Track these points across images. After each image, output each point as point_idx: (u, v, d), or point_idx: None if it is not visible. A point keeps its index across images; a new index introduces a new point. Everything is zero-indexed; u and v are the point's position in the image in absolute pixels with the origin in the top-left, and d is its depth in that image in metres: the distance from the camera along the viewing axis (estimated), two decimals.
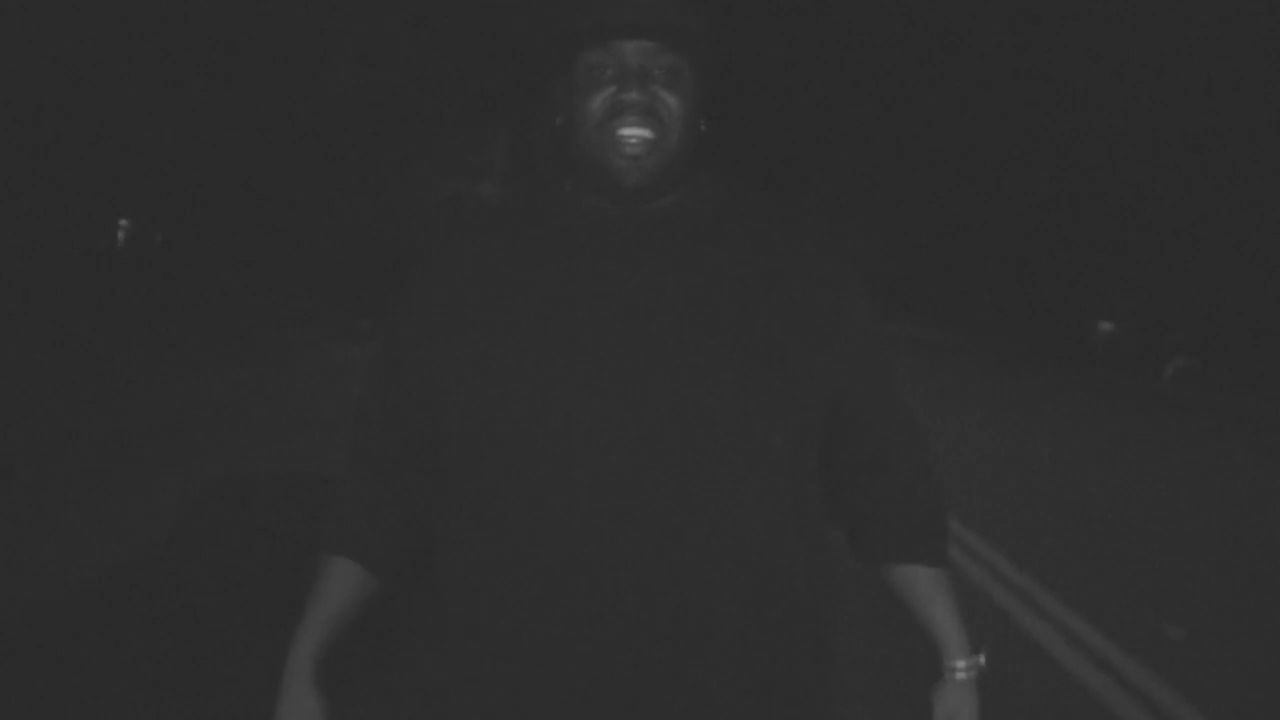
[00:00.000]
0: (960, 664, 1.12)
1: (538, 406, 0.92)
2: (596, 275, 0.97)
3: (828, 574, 1.05)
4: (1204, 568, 4.96)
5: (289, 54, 20.52)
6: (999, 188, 25.77)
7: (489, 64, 24.70)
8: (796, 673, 1.00)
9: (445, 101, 24.25)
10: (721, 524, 0.92)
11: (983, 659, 1.15)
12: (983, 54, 24.71)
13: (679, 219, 1.01)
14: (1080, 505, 6.17)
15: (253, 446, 6.80)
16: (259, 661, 3.10)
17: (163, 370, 10.67)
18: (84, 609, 3.53)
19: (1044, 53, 21.99)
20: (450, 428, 0.99)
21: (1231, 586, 4.73)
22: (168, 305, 18.12)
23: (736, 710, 0.95)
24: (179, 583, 3.86)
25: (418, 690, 1.07)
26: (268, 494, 5.21)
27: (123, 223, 21.62)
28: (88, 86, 16.61)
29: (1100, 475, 7.24)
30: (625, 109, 0.95)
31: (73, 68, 16.26)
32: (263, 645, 3.22)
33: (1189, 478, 7.43)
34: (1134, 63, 19.20)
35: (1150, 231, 19.77)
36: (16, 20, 15.15)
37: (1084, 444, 8.83)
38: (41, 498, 5.10)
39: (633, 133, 0.95)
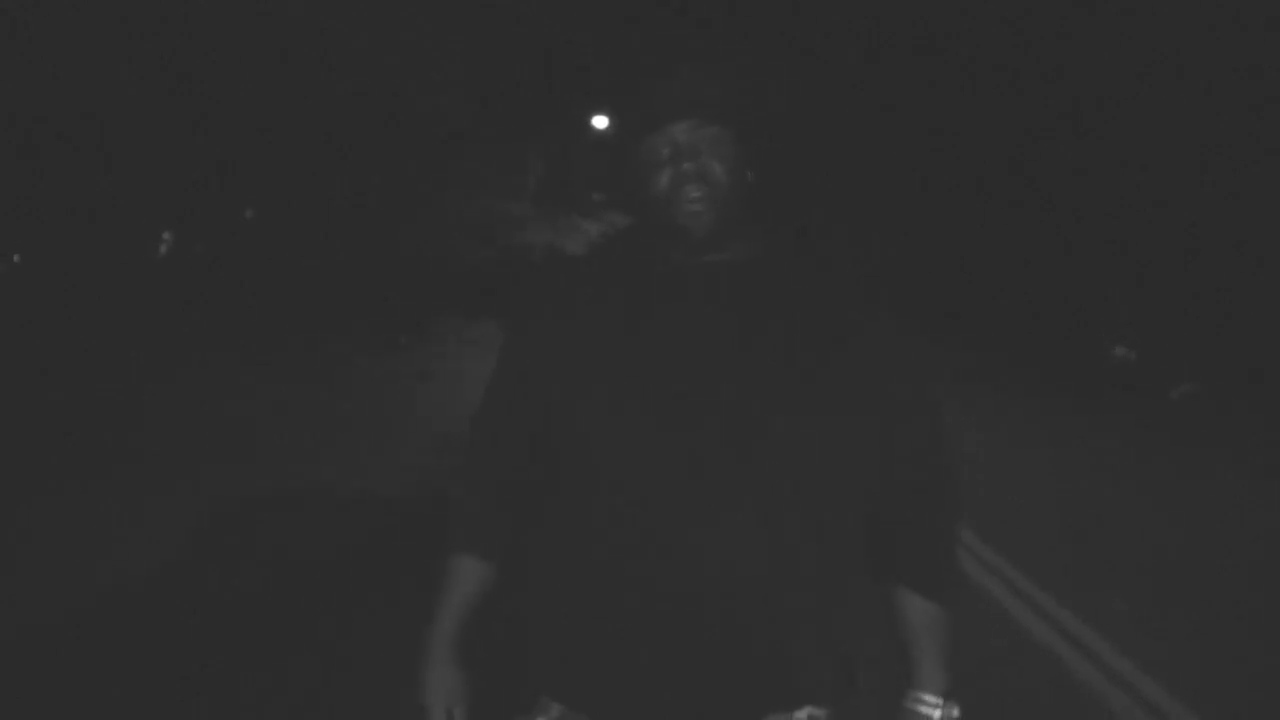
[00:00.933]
0: (928, 698, 1.22)
1: (639, 413, 1.16)
2: (671, 319, 1.21)
3: (854, 549, 1.25)
4: (1176, 559, 5.64)
5: (325, 75, 20.89)
6: (1018, 213, 26.13)
7: (521, 88, 25.18)
8: (817, 609, 1.20)
9: (478, 123, 24.69)
10: (751, 516, 1.14)
11: (956, 711, 1.21)
12: (1006, 88, 24.71)
13: (737, 271, 1.24)
14: (1071, 508, 6.73)
15: (292, 454, 6.87)
16: (262, 670, 3.11)
17: (200, 380, 10.70)
18: (91, 612, 3.53)
19: (1061, 80, 21.95)
20: (556, 439, 1.23)
21: (1195, 573, 5.38)
22: (207, 317, 18.49)
23: (771, 634, 1.17)
24: (185, 592, 3.86)
25: (524, 631, 1.29)
26: (276, 506, 5.22)
27: (165, 235, 21.87)
28: (131, 101, 16.89)
29: (1093, 485, 7.80)
30: (683, 179, 1.20)
31: (116, 82, 16.52)
32: (267, 653, 3.22)
33: (1176, 488, 8.03)
34: (1143, 93, 19.15)
35: (1165, 257, 20.09)
36: (63, 39, 15.35)
37: (1084, 458, 9.41)
38: (68, 505, 5.09)
39: (692, 196, 1.19)
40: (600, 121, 27.56)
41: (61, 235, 18.02)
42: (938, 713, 1.21)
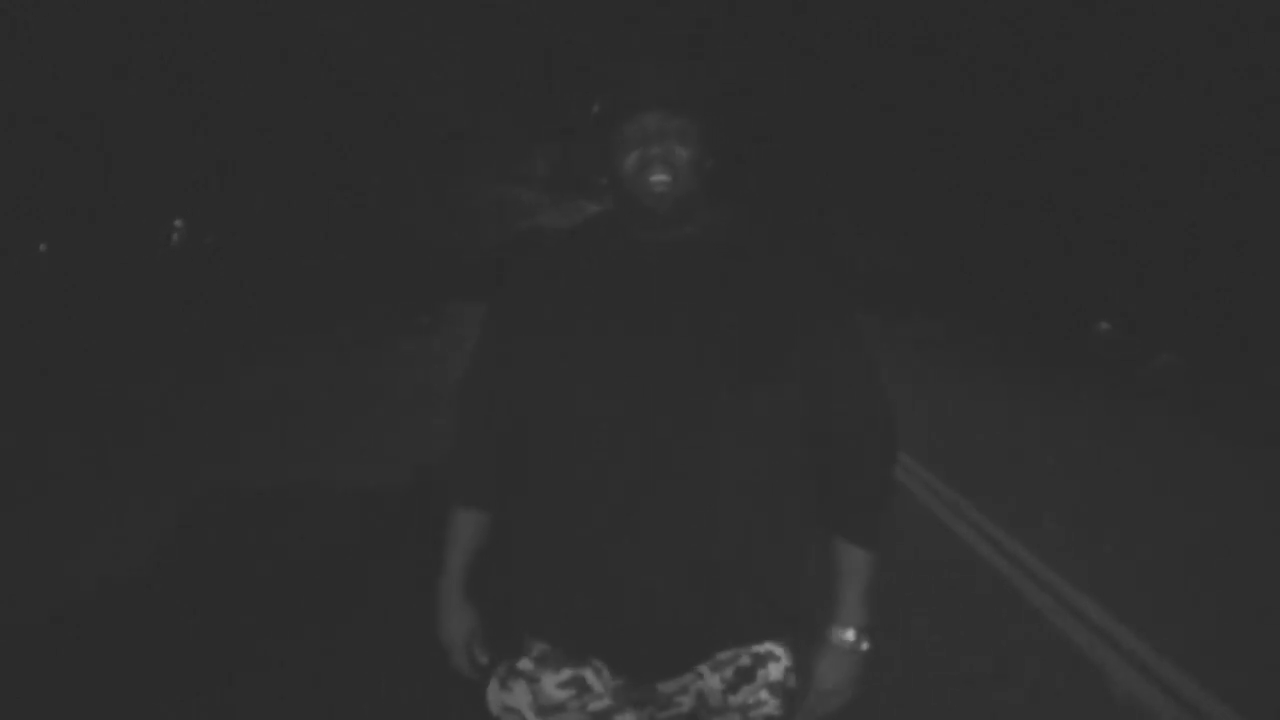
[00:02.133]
0: (845, 633, 1.40)
1: (597, 378, 1.32)
2: (635, 288, 1.37)
3: (803, 494, 1.40)
4: (1131, 504, 6.50)
5: (342, 70, 21.11)
6: (1010, 196, 26.93)
7: (521, 88, 25.61)
8: (767, 553, 1.36)
9: (478, 122, 25.06)
10: (712, 473, 1.30)
11: (865, 644, 1.40)
12: (1007, 88, 24.91)
13: (695, 247, 1.39)
14: (1040, 468, 7.47)
15: (328, 430, 7.09)
16: (261, 670, 3.12)
17: (214, 370, 10.80)
18: (90, 610, 3.54)
19: (1061, 79, 22.07)
20: (535, 399, 1.39)
21: (1142, 511, 6.28)
22: (224, 306, 18.83)
23: (721, 580, 1.32)
24: (185, 591, 3.88)
25: (518, 552, 1.45)
26: (267, 499, 5.22)
27: (177, 223, 22.13)
28: (145, 93, 17.07)
29: (1067, 449, 8.69)
30: (651, 161, 1.33)
31: (130, 75, 16.70)
32: (267, 651, 3.23)
33: (1142, 451, 8.87)
34: (1142, 93, 19.25)
35: (1145, 238, 21.04)
36: (80, 29, 15.46)
37: (1063, 426, 10.33)
38: (68, 500, 5.07)
39: (657, 178, 1.32)
40: None
41: (82, 226, 18.30)
42: (849, 645, 1.39)
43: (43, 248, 20.54)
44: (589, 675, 1.36)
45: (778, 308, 1.36)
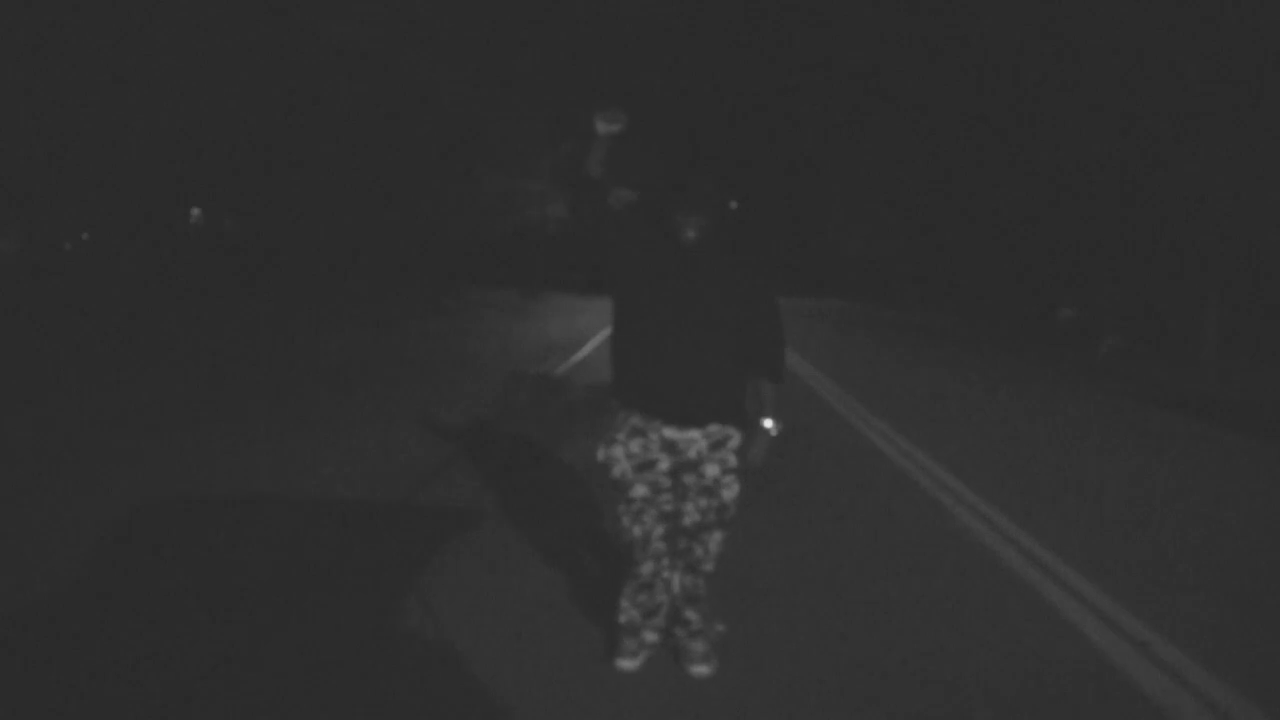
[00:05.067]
0: (766, 422, 2.99)
1: (654, 309, 2.93)
2: (678, 263, 2.93)
3: (742, 364, 3.00)
4: (1059, 455, 7.71)
5: (343, 70, 21.08)
6: (990, 200, 27.79)
7: (532, 83, 25.74)
8: (730, 383, 2.96)
9: (494, 112, 25.19)
10: (706, 346, 2.92)
11: (777, 429, 3.00)
12: (1000, 78, 25.16)
13: (708, 247, 2.93)
14: (991, 431, 8.60)
15: (338, 419, 7.23)
16: (261, 662, 3.12)
17: (238, 354, 10.79)
18: (88, 602, 3.53)
19: (1051, 69, 22.25)
20: (628, 304, 3.00)
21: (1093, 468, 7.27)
22: (245, 286, 18.96)
23: (709, 389, 2.92)
24: (185, 581, 3.73)
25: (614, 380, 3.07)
26: (268, 494, 5.02)
27: (195, 211, 22.34)
28: (165, 87, 17.07)
29: (1020, 417, 9.96)
30: (688, 226, 2.90)
31: (130, 77, 16.71)
32: (264, 649, 3.14)
33: (1083, 419, 9.93)
34: (1142, 92, 19.41)
35: (1104, 236, 23.00)
36: (82, 29, 15.43)
37: (1018, 396, 11.78)
38: (68, 494, 4.97)
39: (689, 236, 2.90)
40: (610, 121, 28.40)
41: (115, 217, 18.35)
42: (769, 428, 2.99)
43: (85, 236, 20.65)
44: (648, 443, 2.93)
45: (737, 280, 2.93)
